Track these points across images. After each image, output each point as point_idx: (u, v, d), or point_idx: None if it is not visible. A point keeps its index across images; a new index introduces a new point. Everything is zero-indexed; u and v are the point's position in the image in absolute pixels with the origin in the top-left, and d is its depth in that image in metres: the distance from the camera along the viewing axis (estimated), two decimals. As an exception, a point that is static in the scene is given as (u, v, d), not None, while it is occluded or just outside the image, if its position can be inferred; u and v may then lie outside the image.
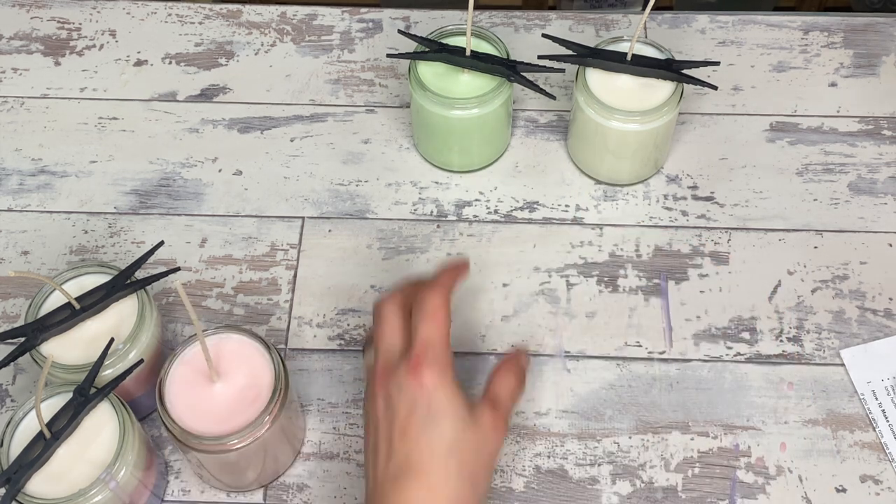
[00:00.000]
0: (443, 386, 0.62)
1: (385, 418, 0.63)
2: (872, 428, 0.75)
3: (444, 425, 0.61)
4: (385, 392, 0.63)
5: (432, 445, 0.61)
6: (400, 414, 0.62)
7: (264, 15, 0.98)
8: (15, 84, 0.93)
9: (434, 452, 0.61)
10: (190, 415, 0.67)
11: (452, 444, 0.61)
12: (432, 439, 0.61)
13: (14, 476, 0.63)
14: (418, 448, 0.61)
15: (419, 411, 0.61)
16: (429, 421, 0.61)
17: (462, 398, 0.63)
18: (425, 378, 0.62)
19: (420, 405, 0.61)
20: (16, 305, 0.81)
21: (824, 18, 0.97)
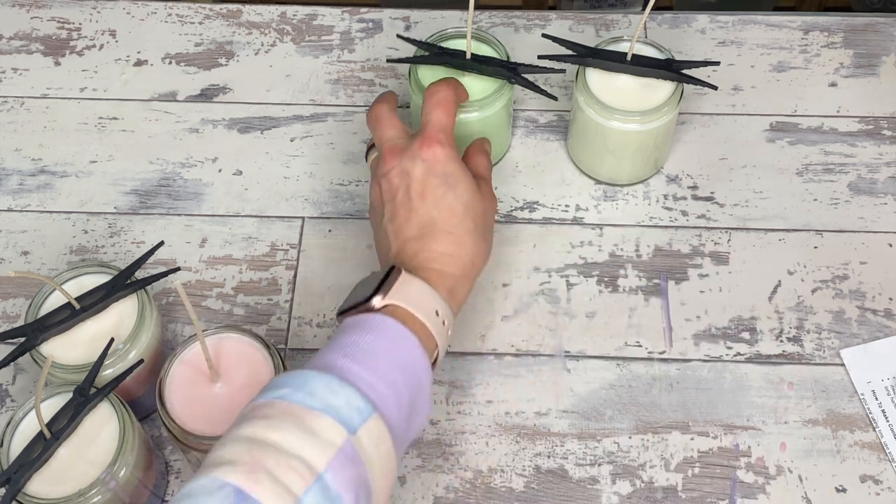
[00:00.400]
0: (454, 158, 0.69)
1: (402, 186, 0.69)
2: (872, 428, 0.75)
3: (460, 189, 0.68)
4: (399, 165, 0.69)
5: (453, 207, 0.68)
6: (416, 179, 0.68)
7: (264, 15, 0.98)
8: (15, 84, 0.93)
9: (454, 212, 0.68)
10: (190, 415, 0.67)
11: (468, 206, 0.68)
12: (451, 200, 0.68)
13: (14, 476, 0.63)
14: (439, 209, 0.68)
15: (435, 177, 0.68)
16: (446, 186, 0.68)
17: (469, 172, 0.70)
18: (438, 149, 0.68)
19: (436, 172, 0.68)
20: (16, 305, 0.81)
21: (824, 18, 0.97)
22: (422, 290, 0.64)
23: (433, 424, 0.76)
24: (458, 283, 0.67)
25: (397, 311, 0.62)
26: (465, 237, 0.68)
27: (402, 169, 0.69)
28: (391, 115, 0.73)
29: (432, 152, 0.68)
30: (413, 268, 0.66)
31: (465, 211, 0.68)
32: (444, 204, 0.68)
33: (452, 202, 0.68)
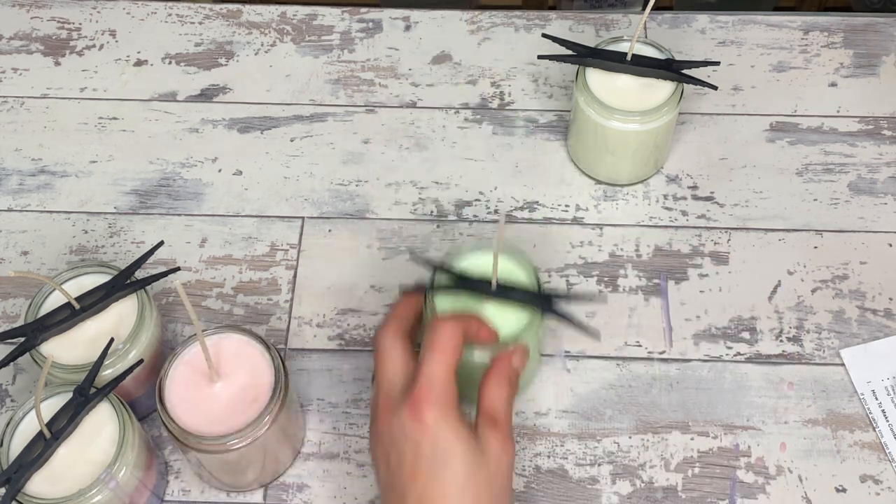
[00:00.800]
0: (446, 424, 0.60)
1: (394, 460, 0.61)
2: (872, 428, 0.75)
3: (454, 465, 0.60)
4: (389, 434, 0.62)
5: (445, 488, 0.59)
6: (407, 457, 0.60)
7: (264, 15, 0.98)
8: (15, 84, 0.93)
9: (447, 494, 0.59)
10: (190, 415, 0.66)
11: (465, 483, 0.60)
12: (444, 482, 0.59)
13: (14, 476, 0.63)
14: (430, 492, 0.59)
15: (425, 453, 0.60)
16: (437, 463, 0.59)
17: (466, 432, 0.61)
18: (427, 418, 0.60)
19: (425, 447, 0.60)
20: (16, 305, 0.81)
21: (824, 18, 0.97)
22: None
23: (433, 424, 0.76)
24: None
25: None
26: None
27: (392, 438, 0.61)
28: (393, 345, 0.65)
29: (419, 424, 0.60)
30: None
31: (462, 491, 0.59)
32: (434, 485, 0.59)
33: (444, 482, 0.59)
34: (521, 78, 0.93)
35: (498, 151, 0.89)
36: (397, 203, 0.86)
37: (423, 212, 0.86)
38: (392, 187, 0.87)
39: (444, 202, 0.86)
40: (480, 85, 0.93)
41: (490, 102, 0.91)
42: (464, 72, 0.93)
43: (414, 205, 0.86)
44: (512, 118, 0.90)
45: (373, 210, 0.86)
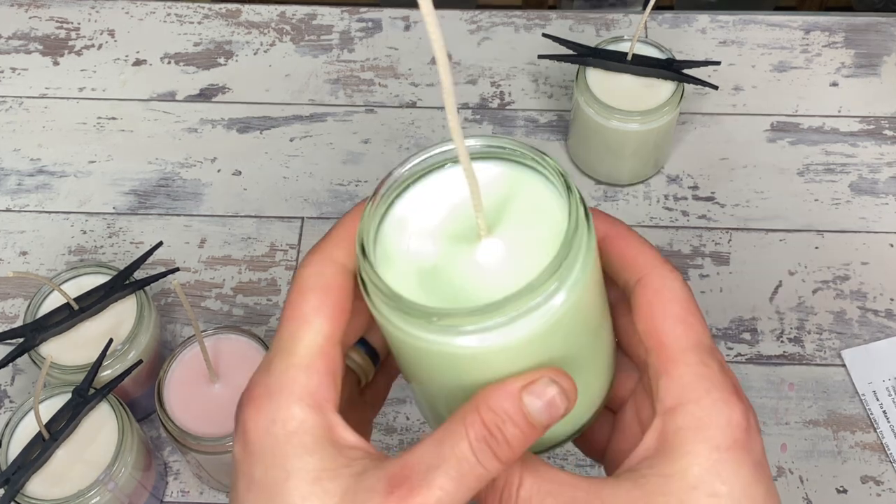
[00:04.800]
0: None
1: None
2: (873, 429, 0.75)
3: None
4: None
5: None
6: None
7: (263, 14, 0.97)
8: (13, 84, 0.93)
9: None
10: (189, 415, 0.66)
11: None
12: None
13: (13, 477, 0.63)
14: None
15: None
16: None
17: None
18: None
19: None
20: (14, 306, 0.81)
21: (825, 18, 0.97)
22: None
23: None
24: None
25: None
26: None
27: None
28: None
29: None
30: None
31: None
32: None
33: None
34: (522, 78, 0.93)
35: (498, 151, 0.89)
36: (397, 203, 0.86)
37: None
38: (392, 187, 0.87)
39: (443, 202, 0.86)
40: (480, 85, 0.92)
41: (490, 102, 0.91)
42: (464, 71, 0.93)
43: (414, 205, 0.86)
44: (512, 118, 0.90)
45: (372, 210, 0.85)
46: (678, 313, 0.40)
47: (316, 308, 0.39)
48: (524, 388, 0.37)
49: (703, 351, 0.40)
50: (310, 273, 0.40)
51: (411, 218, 0.40)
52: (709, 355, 0.40)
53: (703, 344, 0.40)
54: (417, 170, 0.41)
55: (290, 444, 0.37)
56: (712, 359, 0.40)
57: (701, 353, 0.40)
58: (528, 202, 0.40)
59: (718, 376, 0.39)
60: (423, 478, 0.36)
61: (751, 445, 0.38)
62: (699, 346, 0.40)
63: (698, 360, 0.39)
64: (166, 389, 0.67)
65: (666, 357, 0.40)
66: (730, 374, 0.40)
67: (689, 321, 0.40)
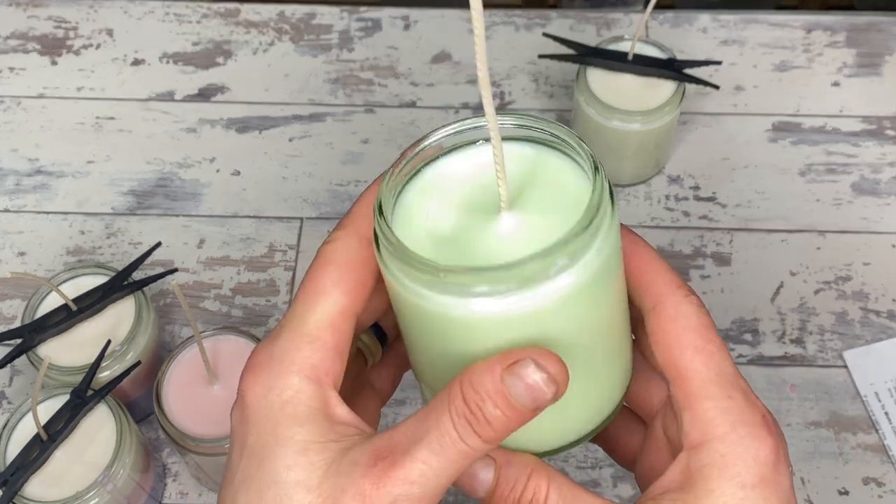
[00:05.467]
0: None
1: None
2: (875, 430, 0.75)
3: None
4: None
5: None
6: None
7: (263, 14, 0.97)
8: (11, 83, 0.93)
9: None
10: (187, 417, 0.66)
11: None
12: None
13: (11, 478, 0.63)
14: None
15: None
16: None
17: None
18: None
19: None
20: (12, 307, 0.81)
21: (827, 17, 0.96)
22: None
23: (433, 426, 0.75)
24: None
25: None
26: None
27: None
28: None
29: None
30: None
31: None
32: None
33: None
34: (522, 77, 0.92)
35: (498, 151, 0.88)
36: (397, 203, 0.86)
37: (422, 212, 0.85)
38: (391, 187, 0.86)
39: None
40: (480, 84, 0.92)
41: (490, 102, 0.91)
42: (464, 71, 0.93)
43: (414, 205, 0.85)
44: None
45: (372, 210, 0.85)
46: (696, 343, 0.39)
47: (335, 281, 0.39)
48: (506, 369, 0.35)
49: (726, 382, 0.39)
50: (334, 247, 0.40)
51: (435, 187, 0.40)
52: (733, 386, 0.38)
53: (725, 374, 0.39)
54: (446, 143, 0.41)
55: (283, 412, 0.37)
56: (736, 389, 0.39)
57: (724, 385, 0.38)
58: (554, 182, 0.39)
59: (745, 409, 0.38)
60: (405, 450, 0.35)
61: (778, 480, 0.38)
62: (721, 377, 0.39)
63: (722, 393, 0.38)
64: (165, 390, 0.67)
65: (687, 391, 0.39)
66: (757, 404, 0.39)
67: (708, 350, 0.39)
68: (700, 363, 0.39)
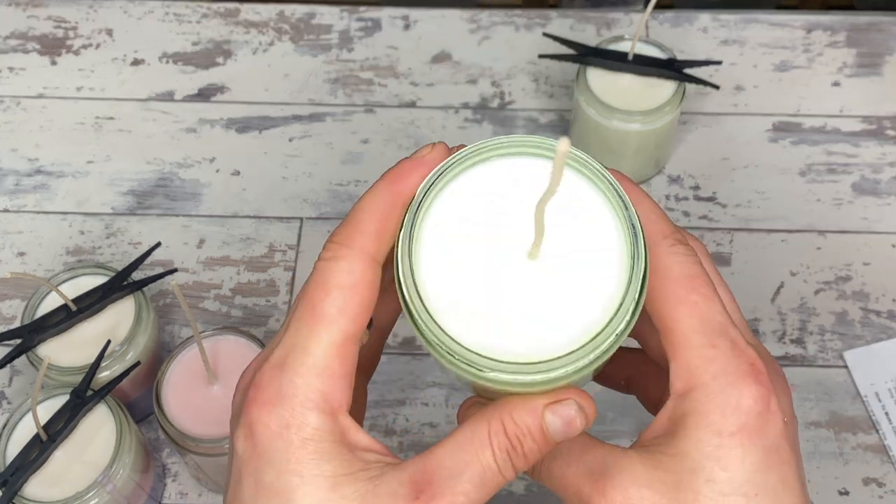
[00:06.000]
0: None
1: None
2: (875, 430, 0.75)
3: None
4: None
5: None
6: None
7: (262, 14, 0.97)
8: (11, 83, 0.93)
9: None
10: (187, 417, 0.66)
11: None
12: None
13: (11, 479, 0.62)
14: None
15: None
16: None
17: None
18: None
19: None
20: (12, 307, 0.81)
21: (827, 17, 0.96)
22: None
23: (433, 427, 0.75)
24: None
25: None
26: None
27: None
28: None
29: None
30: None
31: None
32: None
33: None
34: (522, 77, 0.92)
35: (498, 151, 0.88)
36: (397, 203, 0.85)
37: (422, 212, 0.85)
38: (391, 187, 0.86)
39: (443, 202, 0.86)
40: (480, 84, 0.92)
41: (490, 102, 0.91)
42: (464, 71, 0.93)
43: (413, 205, 0.85)
44: (512, 118, 0.90)
45: (372, 210, 0.85)
46: (678, 294, 0.39)
47: (341, 308, 0.38)
48: (548, 406, 0.37)
49: (711, 331, 0.39)
50: (337, 267, 0.39)
51: (452, 219, 0.39)
52: (719, 335, 0.38)
53: (710, 323, 0.39)
54: (463, 165, 0.40)
55: (306, 450, 0.37)
56: (723, 338, 0.39)
57: (708, 334, 0.39)
58: (586, 221, 0.39)
59: (729, 357, 0.38)
60: (446, 483, 0.36)
61: (763, 429, 0.38)
62: (705, 326, 0.39)
63: (705, 342, 0.38)
64: (165, 391, 0.67)
65: (671, 341, 0.39)
66: (747, 352, 0.38)
67: (691, 300, 0.39)
68: (683, 313, 0.39)
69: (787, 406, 0.39)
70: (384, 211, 0.39)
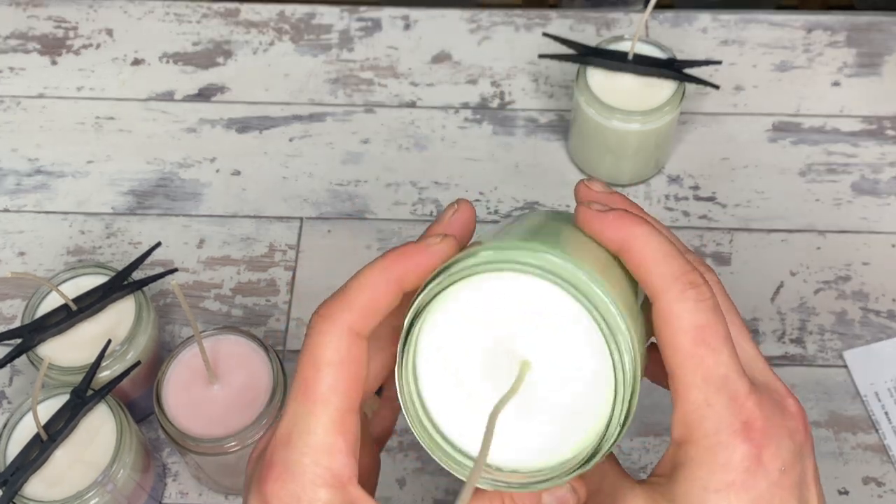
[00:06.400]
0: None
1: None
2: (875, 430, 0.75)
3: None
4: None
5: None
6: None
7: (263, 14, 0.97)
8: (11, 83, 0.93)
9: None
10: (188, 417, 0.66)
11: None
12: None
13: (11, 478, 0.63)
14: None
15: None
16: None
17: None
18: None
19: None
20: (12, 307, 0.81)
21: (827, 17, 0.96)
22: None
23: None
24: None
25: None
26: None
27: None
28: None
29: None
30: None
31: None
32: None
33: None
34: (522, 77, 0.92)
35: (498, 151, 0.88)
36: (397, 203, 0.86)
37: (422, 212, 0.85)
38: (392, 187, 0.86)
39: (444, 202, 0.86)
40: (480, 84, 0.92)
41: (490, 102, 0.91)
42: (464, 71, 0.93)
43: (413, 205, 0.86)
44: (512, 118, 0.90)
45: (372, 210, 0.85)
46: (685, 347, 0.39)
47: (332, 387, 0.40)
48: (547, 491, 0.41)
49: (711, 388, 0.39)
50: (323, 343, 0.40)
51: (450, 336, 0.40)
52: (718, 391, 0.39)
53: (712, 378, 0.39)
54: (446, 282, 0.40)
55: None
56: (721, 394, 0.39)
57: (707, 391, 0.39)
58: (577, 346, 0.39)
59: (722, 416, 0.39)
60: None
61: (753, 484, 0.38)
62: (706, 383, 0.39)
63: (703, 399, 0.39)
64: (165, 390, 0.67)
65: (675, 389, 0.40)
66: (745, 407, 0.39)
67: (697, 354, 0.39)
68: (688, 367, 0.39)
69: (787, 453, 0.40)
70: (376, 290, 0.40)
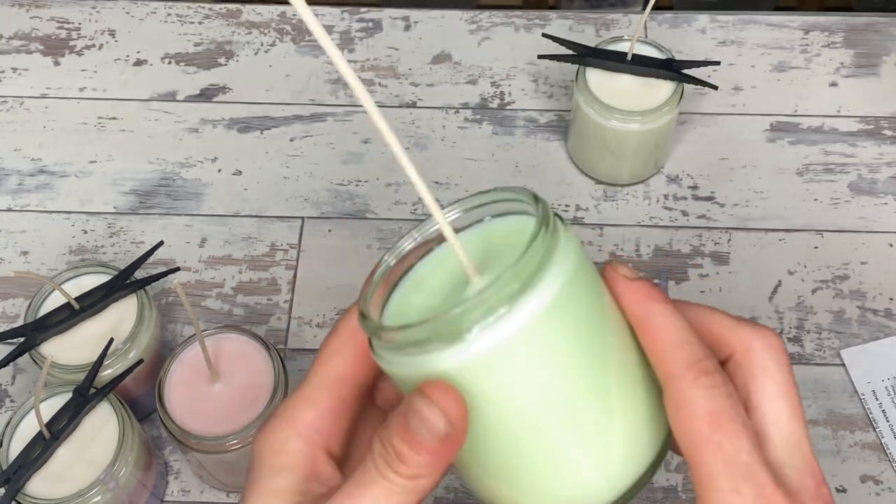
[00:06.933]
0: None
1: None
2: (872, 428, 0.75)
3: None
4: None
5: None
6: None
7: (264, 14, 0.97)
8: (14, 84, 0.93)
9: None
10: (189, 415, 0.66)
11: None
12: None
13: (14, 476, 0.63)
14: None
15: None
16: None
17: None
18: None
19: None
20: (15, 305, 0.81)
21: (825, 18, 0.97)
22: None
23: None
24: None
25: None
26: None
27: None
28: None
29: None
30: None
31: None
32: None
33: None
34: (521, 78, 0.93)
35: (498, 151, 0.89)
36: (397, 203, 0.86)
37: (423, 212, 0.86)
38: (392, 187, 0.87)
39: (444, 202, 0.86)
40: (480, 85, 0.92)
41: (490, 102, 0.91)
42: (464, 72, 0.93)
43: (414, 205, 0.86)
44: (512, 118, 0.90)
45: (373, 210, 0.86)
46: (703, 434, 0.38)
47: (335, 349, 0.43)
48: (409, 405, 0.37)
49: (737, 474, 0.37)
50: (339, 326, 0.44)
51: (415, 288, 0.44)
52: (744, 479, 0.37)
53: (735, 465, 0.37)
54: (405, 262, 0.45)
55: (268, 459, 0.41)
56: (748, 482, 0.37)
57: (733, 478, 0.37)
58: (514, 242, 0.40)
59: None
60: (340, 489, 0.38)
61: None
62: (730, 469, 0.37)
63: (730, 486, 0.37)
64: (167, 389, 0.67)
65: (697, 478, 0.38)
66: (773, 497, 0.38)
67: (715, 441, 0.37)
68: (708, 455, 0.38)
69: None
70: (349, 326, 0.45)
